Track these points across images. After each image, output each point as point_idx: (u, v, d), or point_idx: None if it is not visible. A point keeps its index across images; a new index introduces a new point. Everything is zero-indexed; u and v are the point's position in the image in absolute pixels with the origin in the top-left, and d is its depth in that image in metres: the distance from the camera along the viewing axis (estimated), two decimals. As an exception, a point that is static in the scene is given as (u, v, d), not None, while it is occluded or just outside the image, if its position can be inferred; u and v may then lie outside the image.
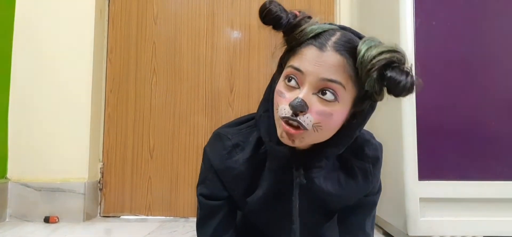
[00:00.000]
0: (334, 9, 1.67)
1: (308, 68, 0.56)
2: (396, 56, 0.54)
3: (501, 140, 1.13)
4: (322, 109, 0.57)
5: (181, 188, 1.59)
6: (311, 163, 0.65)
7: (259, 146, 0.68)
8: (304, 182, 0.65)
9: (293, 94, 0.58)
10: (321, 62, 0.56)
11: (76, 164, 1.48)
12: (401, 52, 0.55)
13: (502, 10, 1.16)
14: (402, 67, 0.55)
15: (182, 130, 1.61)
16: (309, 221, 0.72)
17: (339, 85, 0.56)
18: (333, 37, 0.57)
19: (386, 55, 0.54)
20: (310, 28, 0.58)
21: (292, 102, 0.56)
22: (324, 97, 0.56)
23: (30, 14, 1.51)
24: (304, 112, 0.56)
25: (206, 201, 0.73)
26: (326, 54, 0.56)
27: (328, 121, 0.58)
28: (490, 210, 1.12)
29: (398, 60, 0.54)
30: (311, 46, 0.57)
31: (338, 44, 0.57)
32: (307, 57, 0.57)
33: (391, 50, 0.54)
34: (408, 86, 0.54)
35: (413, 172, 1.10)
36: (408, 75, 0.54)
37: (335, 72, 0.56)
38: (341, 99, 0.57)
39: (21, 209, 1.44)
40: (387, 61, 0.54)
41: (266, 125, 0.66)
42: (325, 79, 0.56)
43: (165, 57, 1.63)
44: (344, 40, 0.57)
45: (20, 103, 1.49)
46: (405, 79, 0.53)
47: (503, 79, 1.15)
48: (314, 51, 0.57)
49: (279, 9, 0.59)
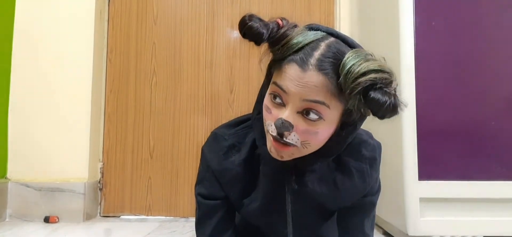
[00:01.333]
0: (334, 10, 1.67)
1: (291, 89, 0.55)
2: (381, 76, 0.52)
3: (501, 140, 1.13)
4: (306, 129, 0.56)
5: (181, 188, 1.59)
6: (303, 167, 0.65)
7: (255, 147, 0.68)
8: (296, 187, 0.64)
9: (279, 111, 0.57)
10: (303, 83, 0.54)
11: (76, 164, 1.48)
12: (387, 71, 0.53)
13: (502, 10, 1.16)
14: (385, 89, 0.52)
15: (182, 130, 1.61)
16: (307, 222, 0.72)
17: (323, 105, 0.55)
18: (316, 52, 0.54)
19: (370, 75, 0.51)
20: (292, 43, 0.55)
21: (276, 123, 0.56)
22: (308, 117, 0.56)
23: (30, 15, 1.52)
24: (289, 132, 0.56)
25: (204, 201, 0.73)
26: (308, 74, 0.53)
27: (314, 139, 0.57)
28: (490, 210, 1.12)
29: (382, 80, 0.52)
30: (293, 63, 0.55)
31: (321, 61, 0.54)
32: (289, 76, 0.55)
33: (376, 70, 0.52)
34: (390, 109, 0.52)
35: (413, 172, 1.10)
36: (392, 96, 0.52)
37: (317, 92, 0.54)
38: (326, 116, 0.56)
39: (21, 209, 1.44)
40: (371, 83, 0.51)
41: (259, 128, 0.66)
42: (308, 100, 0.54)
43: (165, 57, 1.63)
44: (327, 55, 0.54)
45: (20, 103, 1.49)
46: (388, 101, 0.51)
47: (503, 79, 1.15)
48: (296, 70, 0.54)
49: (260, 24, 0.56)
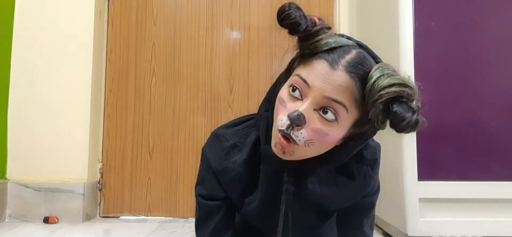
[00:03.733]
0: (333, 10, 1.67)
1: (315, 83, 0.55)
2: (406, 91, 0.53)
3: (501, 141, 1.13)
4: (319, 128, 0.56)
5: (180, 189, 1.59)
6: (304, 169, 0.65)
7: (257, 147, 0.68)
8: (293, 188, 0.64)
9: (295, 105, 0.57)
10: (330, 80, 0.54)
11: (75, 164, 1.48)
12: (413, 88, 0.54)
13: (501, 11, 1.16)
14: (409, 103, 0.53)
15: (181, 131, 1.61)
16: (306, 223, 0.72)
17: (343, 107, 0.55)
18: (348, 55, 0.55)
19: (396, 88, 0.52)
20: (326, 41, 0.56)
21: (291, 114, 0.55)
22: (324, 116, 0.55)
23: (29, 15, 1.51)
24: (301, 126, 0.55)
25: (204, 202, 0.73)
26: (336, 72, 0.54)
27: (322, 140, 0.57)
28: (490, 211, 1.12)
29: (407, 95, 0.53)
30: (323, 60, 0.56)
31: (351, 65, 0.55)
32: (317, 71, 0.55)
33: (402, 84, 0.53)
34: (412, 124, 0.52)
35: (412, 172, 1.10)
36: (414, 113, 0.53)
37: (341, 92, 0.54)
38: (341, 120, 0.56)
39: (21, 210, 1.44)
40: (396, 95, 0.52)
41: (264, 125, 0.66)
42: (330, 98, 0.54)
43: (164, 57, 1.63)
44: (357, 61, 0.55)
45: (19, 103, 1.49)
46: (410, 117, 0.52)
47: (502, 80, 1.15)
48: (325, 67, 0.55)
49: (299, 14, 0.56)
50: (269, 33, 1.64)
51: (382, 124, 0.55)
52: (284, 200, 0.65)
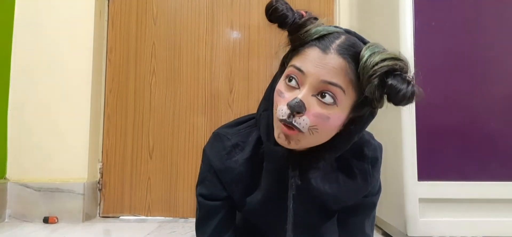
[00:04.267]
0: (333, 9, 1.67)
1: (310, 69, 0.56)
2: (399, 64, 0.54)
3: (500, 141, 1.13)
4: (319, 112, 0.56)
5: (180, 189, 1.59)
6: (308, 164, 0.65)
7: (259, 146, 0.68)
8: (299, 182, 0.64)
9: (293, 94, 0.57)
10: (323, 64, 0.56)
11: (75, 164, 1.48)
12: (404, 60, 0.55)
13: (501, 11, 1.16)
14: (403, 75, 0.54)
15: (181, 131, 1.61)
16: (308, 221, 0.72)
17: (339, 89, 0.56)
18: (337, 40, 0.57)
19: (389, 62, 0.54)
20: (315, 29, 0.58)
21: (290, 102, 0.56)
22: (323, 100, 0.56)
23: (29, 14, 1.51)
24: (301, 113, 0.56)
25: (205, 202, 0.73)
26: (328, 56, 0.56)
27: (324, 124, 0.57)
28: (489, 211, 1.12)
29: (400, 68, 0.54)
30: (314, 47, 0.57)
31: (342, 47, 0.56)
32: (310, 57, 0.57)
33: (394, 58, 0.54)
34: (408, 95, 0.54)
35: (412, 172, 1.10)
36: (409, 84, 0.54)
37: (336, 75, 0.55)
38: (340, 103, 0.57)
39: (21, 210, 1.44)
40: (389, 68, 0.54)
41: (265, 124, 0.66)
42: (326, 82, 0.55)
43: (164, 57, 1.63)
44: (348, 43, 0.57)
45: (19, 103, 1.49)
46: (406, 88, 0.53)
47: (502, 80, 1.15)
48: (317, 53, 0.56)
49: (286, 7, 0.59)
50: (269, 32, 1.64)
51: (379, 101, 0.56)
52: (291, 196, 0.65)
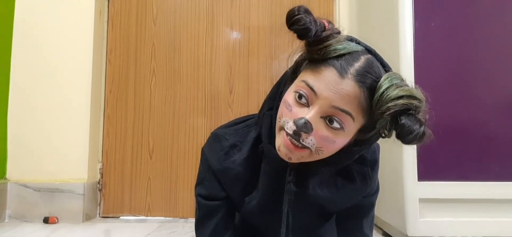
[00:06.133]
0: (333, 11, 1.67)
1: (323, 92, 0.54)
2: (415, 103, 0.53)
3: (500, 141, 1.13)
4: (326, 135, 0.56)
5: (180, 189, 1.59)
6: (306, 171, 0.65)
7: (257, 145, 0.68)
8: (294, 189, 0.64)
9: (301, 111, 0.56)
10: (338, 89, 0.54)
11: (75, 164, 1.48)
12: (420, 99, 0.54)
13: (501, 11, 1.16)
14: (417, 116, 0.53)
15: (181, 131, 1.61)
16: (306, 223, 0.72)
17: (349, 116, 0.55)
18: (356, 63, 0.55)
19: (405, 100, 0.52)
20: (335, 47, 0.55)
21: (297, 121, 0.55)
22: (330, 125, 0.55)
23: (29, 15, 1.51)
24: (308, 134, 0.55)
25: (204, 202, 0.73)
26: (344, 82, 0.54)
27: (329, 146, 0.57)
28: (489, 211, 1.12)
29: (415, 107, 0.53)
30: (331, 68, 0.55)
31: (359, 74, 0.54)
32: (325, 79, 0.55)
33: (411, 96, 0.53)
34: (419, 137, 0.53)
35: (412, 172, 1.10)
36: (422, 125, 0.53)
37: (348, 102, 0.54)
38: (347, 128, 0.56)
39: (21, 210, 1.44)
40: (404, 108, 0.52)
41: (268, 124, 0.65)
42: (337, 108, 0.54)
43: (164, 58, 1.63)
44: (365, 70, 0.55)
45: (19, 103, 1.49)
46: (417, 129, 0.52)
47: (501, 80, 1.15)
48: (334, 75, 0.54)
49: (309, 20, 0.54)
50: (269, 33, 1.64)
51: (388, 134, 0.56)
52: (287, 200, 0.65)
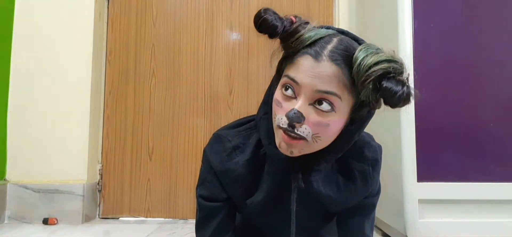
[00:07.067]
0: (332, 11, 1.67)
1: (303, 80, 0.56)
2: (393, 65, 0.53)
3: (500, 142, 1.13)
4: (318, 120, 0.56)
5: (180, 190, 1.59)
6: (310, 166, 0.65)
7: (259, 148, 0.68)
8: (302, 186, 0.65)
9: (290, 104, 0.57)
10: (317, 73, 0.55)
11: (75, 165, 1.47)
12: (399, 61, 0.54)
13: (500, 11, 1.16)
14: (398, 77, 0.53)
15: (181, 132, 1.61)
16: (308, 224, 0.72)
17: (335, 96, 0.55)
18: (329, 45, 0.56)
19: (382, 65, 0.52)
20: (307, 36, 0.57)
21: (288, 113, 0.56)
22: (320, 108, 0.56)
23: (29, 16, 1.51)
24: (301, 123, 0.56)
25: (205, 203, 0.73)
26: (321, 64, 0.55)
27: (325, 131, 0.57)
28: (489, 212, 1.12)
29: (394, 70, 0.53)
30: (306, 55, 0.56)
31: (334, 53, 0.55)
32: (303, 67, 0.56)
33: (388, 60, 0.53)
34: (404, 97, 0.53)
35: (412, 173, 1.11)
36: (404, 85, 0.53)
37: (330, 83, 0.55)
38: (338, 109, 0.56)
39: (20, 211, 1.44)
40: (383, 72, 0.53)
41: (265, 127, 0.66)
42: (321, 91, 0.55)
43: (164, 59, 1.63)
44: (340, 48, 0.56)
45: (19, 104, 1.49)
46: (400, 90, 0.52)
47: (501, 80, 1.15)
48: (310, 61, 0.56)
49: (274, 17, 0.58)
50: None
51: (376, 104, 0.56)
52: (294, 198, 0.65)
